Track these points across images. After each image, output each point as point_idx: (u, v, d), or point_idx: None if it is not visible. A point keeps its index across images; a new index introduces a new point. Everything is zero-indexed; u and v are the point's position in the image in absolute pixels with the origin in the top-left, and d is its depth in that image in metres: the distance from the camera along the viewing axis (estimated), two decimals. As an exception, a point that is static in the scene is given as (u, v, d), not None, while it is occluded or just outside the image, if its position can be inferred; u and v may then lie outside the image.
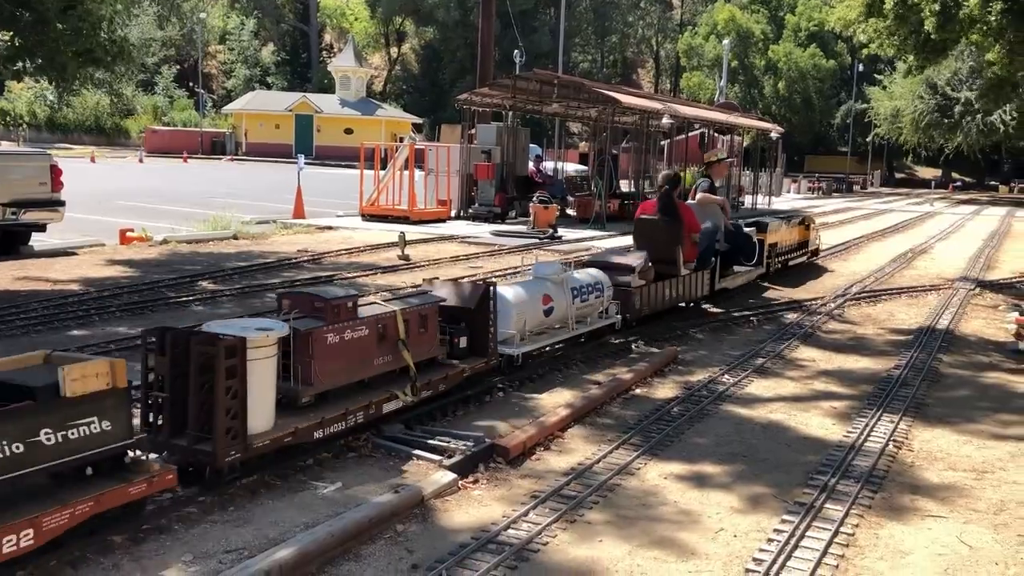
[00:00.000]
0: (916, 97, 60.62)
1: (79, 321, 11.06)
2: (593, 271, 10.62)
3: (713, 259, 13.49)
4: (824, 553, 5.48)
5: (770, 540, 5.64)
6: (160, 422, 5.57)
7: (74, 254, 16.97)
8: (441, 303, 7.83)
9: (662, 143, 37.71)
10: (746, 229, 15.18)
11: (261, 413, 5.82)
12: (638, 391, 9.17)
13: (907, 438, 7.95)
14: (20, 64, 13.08)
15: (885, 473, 7.01)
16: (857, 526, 5.97)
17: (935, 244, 26.33)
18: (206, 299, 12.78)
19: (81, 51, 13.03)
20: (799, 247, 18.49)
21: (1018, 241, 28.28)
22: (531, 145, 33.02)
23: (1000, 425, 8.49)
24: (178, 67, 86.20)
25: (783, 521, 5.93)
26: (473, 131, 29.22)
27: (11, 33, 12.86)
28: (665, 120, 29.65)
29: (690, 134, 37.58)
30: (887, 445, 7.61)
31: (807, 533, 5.73)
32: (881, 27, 17.32)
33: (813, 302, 14.80)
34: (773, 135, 40.44)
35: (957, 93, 59.02)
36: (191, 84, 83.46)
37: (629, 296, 10.85)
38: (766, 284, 16.28)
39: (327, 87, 79.24)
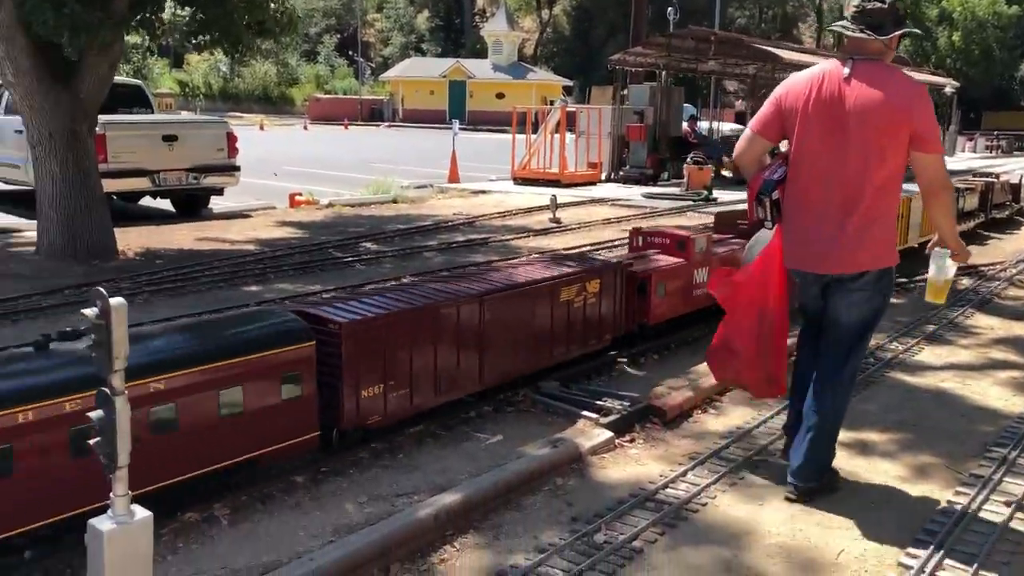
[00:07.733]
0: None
1: (256, 278, 11.80)
2: None
3: None
4: None
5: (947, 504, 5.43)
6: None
7: (249, 216, 18.05)
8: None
9: (824, 101, 36.04)
10: None
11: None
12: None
13: (1098, 413, 7.39)
14: (200, 37, 13.86)
15: (1072, 448, 6.56)
16: (1040, 502, 5.64)
17: None
18: (370, 259, 13.34)
19: (254, 22, 13.69)
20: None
21: None
22: (685, 105, 32.24)
23: None
24: (338, 36, 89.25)
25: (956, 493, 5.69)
26: (625, 92, 28.82)
27: (193, 8, 13.65)
28: (828, 76, 28.32)
29: (855, 91, 35.73)
30: (1075, 419, 7.11)
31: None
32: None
33: (991, 266, 13.89)
34: (947, 91, 37.83)
35: None
36: (351, 53, 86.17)
37: None
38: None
39: (480, 52, 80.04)
